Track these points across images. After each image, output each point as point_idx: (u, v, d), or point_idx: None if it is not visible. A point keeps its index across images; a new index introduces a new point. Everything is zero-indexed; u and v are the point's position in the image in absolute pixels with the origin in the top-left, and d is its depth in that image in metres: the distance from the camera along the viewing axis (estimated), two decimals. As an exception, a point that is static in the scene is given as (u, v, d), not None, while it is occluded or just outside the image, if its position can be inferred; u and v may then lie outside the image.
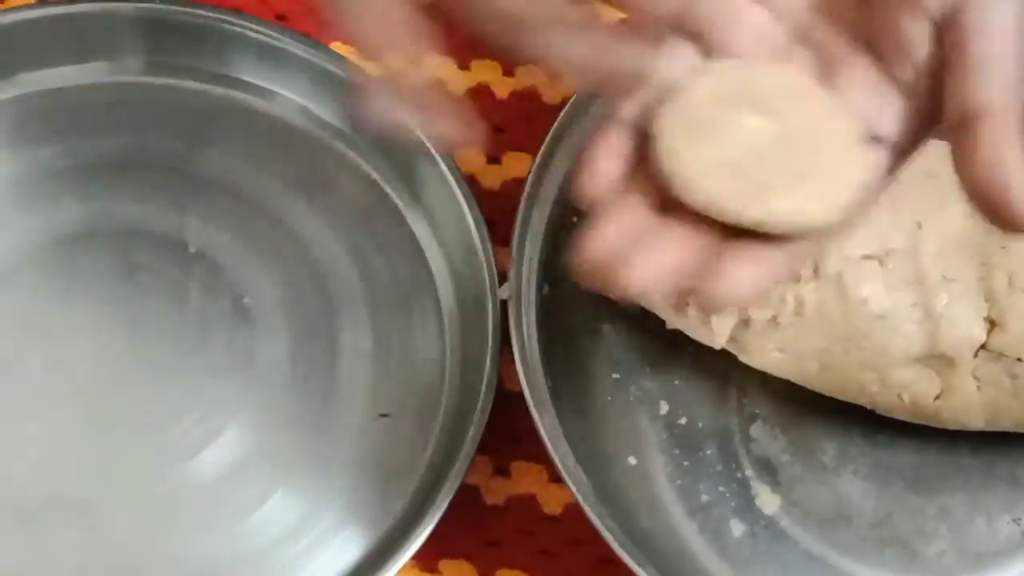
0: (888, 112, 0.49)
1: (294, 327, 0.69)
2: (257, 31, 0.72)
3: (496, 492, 0.67)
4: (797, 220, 0.48)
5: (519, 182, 0.66)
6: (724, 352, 0.66)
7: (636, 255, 0.47)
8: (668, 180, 0.48)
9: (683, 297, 0.48)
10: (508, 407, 0.64)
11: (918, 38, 0.48)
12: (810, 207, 0.48)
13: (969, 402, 0.64)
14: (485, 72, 0.75)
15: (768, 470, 0.67)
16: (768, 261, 0.47)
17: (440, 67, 0.75)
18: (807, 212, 0.48)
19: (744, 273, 0.47)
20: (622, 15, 0.50)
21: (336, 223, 0.71)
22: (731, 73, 0.50)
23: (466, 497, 0.65)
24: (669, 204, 0.48)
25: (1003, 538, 0.65)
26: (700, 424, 0.68)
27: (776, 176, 0.48)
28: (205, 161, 0.72)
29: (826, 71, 0.51)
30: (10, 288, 0.69)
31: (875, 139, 0.50)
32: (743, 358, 0.65)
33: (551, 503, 0.67)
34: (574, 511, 0.64)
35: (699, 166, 0.48)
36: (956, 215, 0.64)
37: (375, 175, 0.72)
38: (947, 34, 0.48)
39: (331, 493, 0.65)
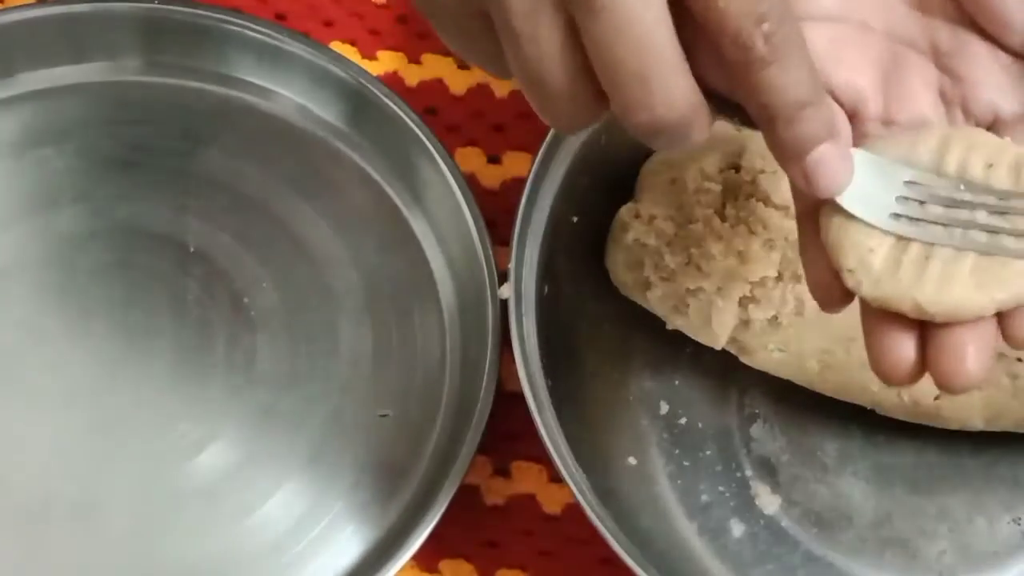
0: (1019, 84, 0.50)
1: (294, 327, 0.68)
2: (256, 31, 0.72)
3: (496, 492, 0.67)
4: None
5: (519, 182, 0.66)
6: (724, 352, 0.66)
7: (954, 358, 0.48)
8: (891, 308, 0.48)
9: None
10: (508, 407, 0.64)
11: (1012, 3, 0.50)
12: None
13: (969, 402, 0.64)
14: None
15: (768, 470, 0.67)
16: None
17: (440, 67, 0.75)
18: None
19: None
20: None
21: (336, 223, 0.71)
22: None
23: (466, 497, 0.65)
24: None
25: (1003, 538, 0.65)
26: (700, 424, 0.67)
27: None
28: (205, 161, 0.72)
29: (941, 63, 0.51)
30: (10, 288, 0.69)
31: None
32: (743, 358, 0.65)
33: (551, 503, 0.67)
34: (574, 511, 0.64)
35: (906, 277, 0.48)
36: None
37: (375, 175, 0.72)
38: None
39: (331, 493, 0.65)
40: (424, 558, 0.65)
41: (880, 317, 0.49)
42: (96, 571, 0.64)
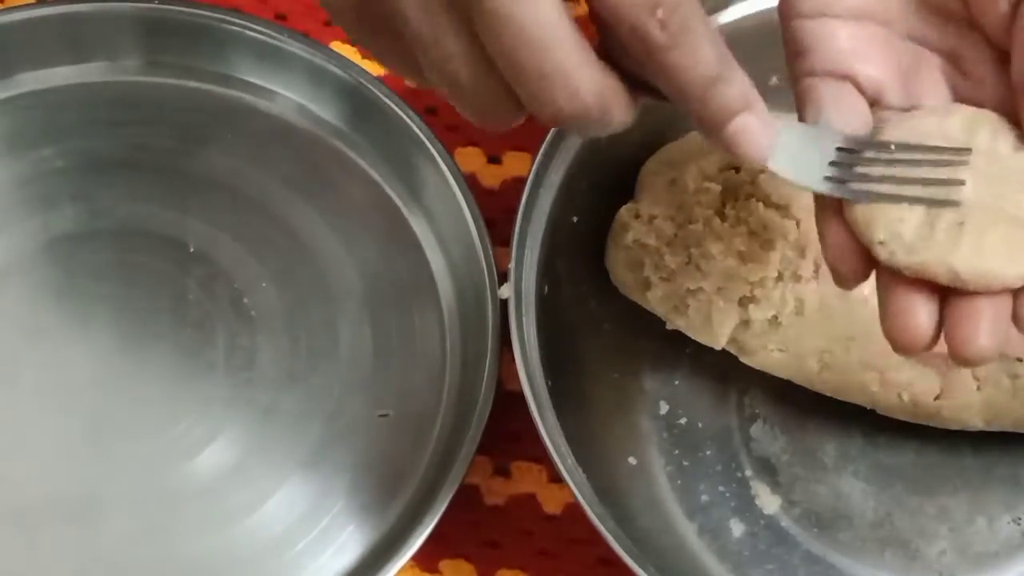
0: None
1: (294, 327, 0.68)
2: (256, 30, 0.72)
3: (496, 492, 0.67)
4: None
5: (519, 182, 0.66)
6: (724, 352, 0.66)
7: (970, 326, 0.48)
8: (926, 274, 0.48)
9: None
10: (508, 407, 0.64)
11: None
12: None
13: (969, 402, 0.64)
14: (485, 72, 0.75)
15: (768, 470, 0.67)
16: None
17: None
18: None
19: None
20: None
21: (336, 223, 0.71)
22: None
23: (466, 497, 0.65)
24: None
25: (1003, 538, 0.65)
26: (700, 424, 0.67)
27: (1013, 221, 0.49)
28: (205, 161, 0.72)
29: (954, 64, 0.52)
30: (10, 288, 0.69)
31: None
32: (743, 358, 0.65)
33: (551, 503, 0.67)
34: (574, 511, 0.64)
35: (940, 244, 0.49)
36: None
37: (375, 175, 0.72)
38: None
39: (331, 493, 0.65)
40: (424, 558, 0.65)
41: (900, 281, 0.49)
42: (96, 571, 0.64)
